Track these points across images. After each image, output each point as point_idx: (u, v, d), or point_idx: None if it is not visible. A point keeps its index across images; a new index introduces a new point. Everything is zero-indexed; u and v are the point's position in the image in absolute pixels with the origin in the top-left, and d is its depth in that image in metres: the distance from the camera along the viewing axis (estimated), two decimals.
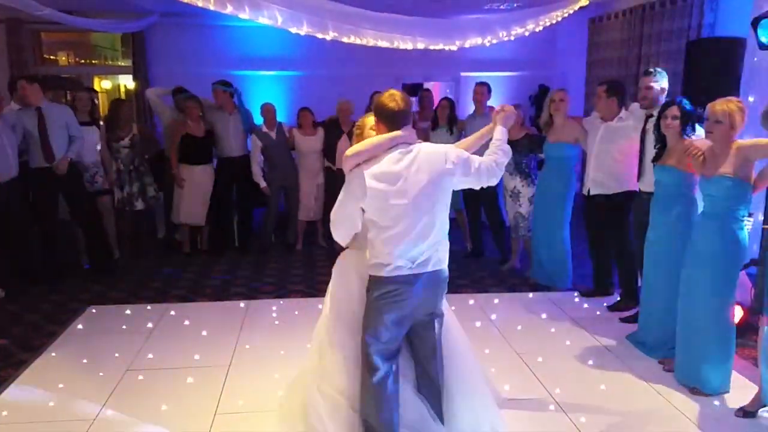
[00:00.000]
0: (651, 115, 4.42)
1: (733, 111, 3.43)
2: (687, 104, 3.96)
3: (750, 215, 3.59)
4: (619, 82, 5.09)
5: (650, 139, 4.35)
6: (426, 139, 6.41)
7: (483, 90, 6.22)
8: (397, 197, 2.67)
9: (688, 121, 3.92)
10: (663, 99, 4.50)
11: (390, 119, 2.75)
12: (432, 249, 2.76)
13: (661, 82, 4.53)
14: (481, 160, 2.89)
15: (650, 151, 4.30)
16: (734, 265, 3.57)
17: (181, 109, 6.59)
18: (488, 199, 6.13)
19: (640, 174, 4.57)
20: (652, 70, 4.64)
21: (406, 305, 2.75)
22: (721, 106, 3.46)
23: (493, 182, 2.93)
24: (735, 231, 3.50)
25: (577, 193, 5.50)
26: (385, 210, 2.68)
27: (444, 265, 2.84)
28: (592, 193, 5.04)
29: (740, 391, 3.64)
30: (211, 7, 4.31)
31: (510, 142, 5.68)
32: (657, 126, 4.11)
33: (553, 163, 5.40)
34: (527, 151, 5.67)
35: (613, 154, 4.86)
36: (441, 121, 6.42)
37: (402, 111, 2.75)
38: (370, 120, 2.92)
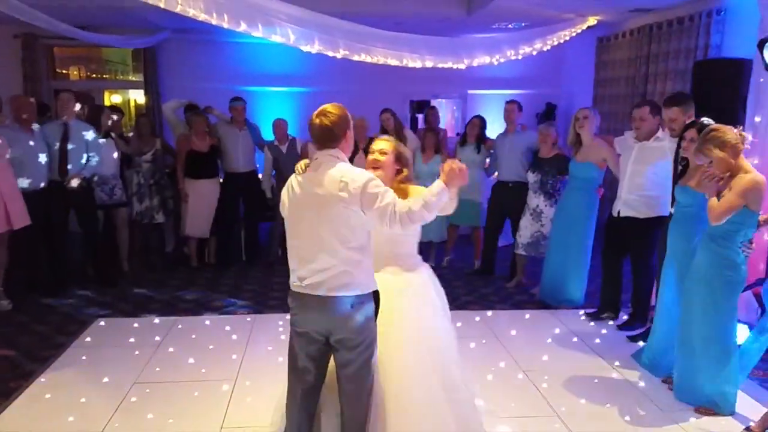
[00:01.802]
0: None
1: (709, 149, 3.41)
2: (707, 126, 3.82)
3: (751, 242, 3.53)
4: (655, 102, 4.88)
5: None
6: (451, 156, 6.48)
7: (513, 108, 6.19)
8: (290, 212, 2.70)
9: None
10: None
11: (312, 136, 2.71)
12: (324, 274, 2.60)
13: (685, 108, 4.34)
14: (396, 202, 2.61)
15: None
16: (730, 287, 3.55)
17: (190, 125, 6.72)
18: (516, 215, 6.08)
19: (673, 199, 4.35)
20: (674, 98, 4.44)
21: (301, 320, 2.71)
22: (697, 151, 3.50)
23: (398, 229, 2.62)
24: (731, 254, 3.50)
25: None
26: (286, 222, 2.74)
27: (342, 293, 2.60)
28: (622, 215, 4.86)
29: (747, 410, 3.63)
30: (225, 26, 4.40)
31: (540, 161, 5.73)
32: (679, 146, 4.10)
33: (579, 183, 5.33)
34: (555, 171, 5.62)
35: (647, 176, 4.69)
36: (470, 138, 6.44)
37: (318, 127, 2.64)
38: (376, 144, 3.02)
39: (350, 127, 2.71)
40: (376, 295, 2.73)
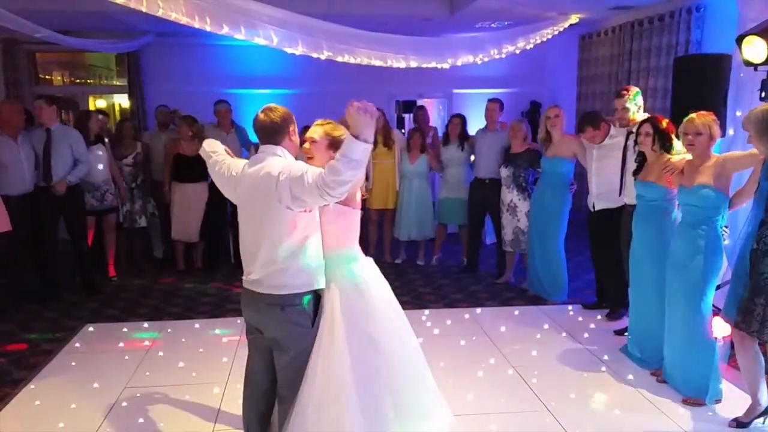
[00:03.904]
0: (631, 132, 4.52)
1: (711, 123, 3.61)
2: (660, 121, 4.04)
3: (726, 227, 3.68)
4: (591, 116, 5.13)
5: (630, 155, 4.50)
6: (437, 155, 6.52)
7: (495, 107, 6.29)
8: (238, 205, 2.77)
9: (661, 138, 3.99)
10: (641, 115, 4.62)
11: (256, 131, 2.74)
12: (264, 271, 2.63)
13: (635, 100, 4.65)
14: (318, 170, 2.47)
15: (631, 167, 4.40)
16: (712, 274, 3.64)
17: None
18: (496, 211, 6.15)
19: (621, 188, 4.69)
20: (624, 91, 4.74)
21: (245, 315, 2.82)
22: (700, 119, 3.63)
23: (326, 200, 2.50)
24: (713, 240, 3.59)
25: (573, 208, 5.58)
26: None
27: (283, 292, 2.61)
28: (597, 208, 5.10)
29: (735, 401, 3.67)
30: (208, 28, 4.39)
31: (512, 156, 5.80)
32: (636, 142, 4.22)
33: (550, 177, 5.45)
34: (527, 165, 5.73)
35: (611, 170, 4.91)
36: (452, 137, 6.49)
37: (261, 122, 2.69)
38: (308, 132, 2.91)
39: (294, 128, 2.74)
40: (316, 298, 2.70)
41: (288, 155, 2.71)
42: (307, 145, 2.88)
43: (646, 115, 4.42)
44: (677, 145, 3.97)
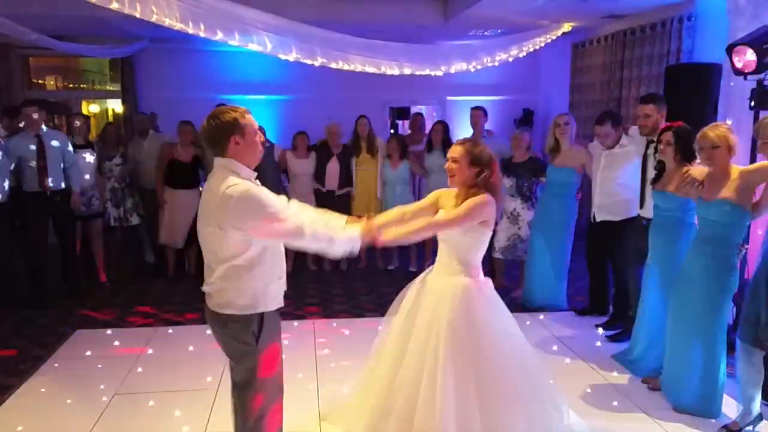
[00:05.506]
0: (652, 141, 4.37)
1: (727, 134, 3.41)
2: (684, 130, 3.86)
3: (743, 245, 3.56)
4: (616, 113, 5.00)
5: (651, 165, 4.31)
6: (420, 162, 6.55)
7: (479, 114, 6.33)
8: None
9: (683, 148, 3.82)
10: (663, 123, 4.41)
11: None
12: (210, 288, 2.60)
13: (659, 107, 4.46)
14: (286, 219, 2.51)
15: (651, 177, 4.25)
16: (726, 291, 3.54)
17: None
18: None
19: (642, 200, 4.50)
20: (650, 95, 4.60)
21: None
22: (713, 131, 3.43)
23: (292, 243, 2.61)
24: (728, 257, 3.48)
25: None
26: None
27: (225, 311, 2.56)
28: (598, 219, 5.03)
29: (725, 408, 3.68)
30: (201, 34, 4.40)
31: (513, 165, 5.80)
32: (656, 150, 4.13)
33: (557, 188, 5.39)
34: (530, 174, 5.69)
35: (617, 181, 4.85)
36: (435, 144, 6.51)
37: (202, 131, 2.54)
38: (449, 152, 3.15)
39: (240, 133, 2.47)
40: (260, 319, 2.59)
41: (241, 169, 2.52)
42: (449, 164, 3.03)
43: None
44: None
